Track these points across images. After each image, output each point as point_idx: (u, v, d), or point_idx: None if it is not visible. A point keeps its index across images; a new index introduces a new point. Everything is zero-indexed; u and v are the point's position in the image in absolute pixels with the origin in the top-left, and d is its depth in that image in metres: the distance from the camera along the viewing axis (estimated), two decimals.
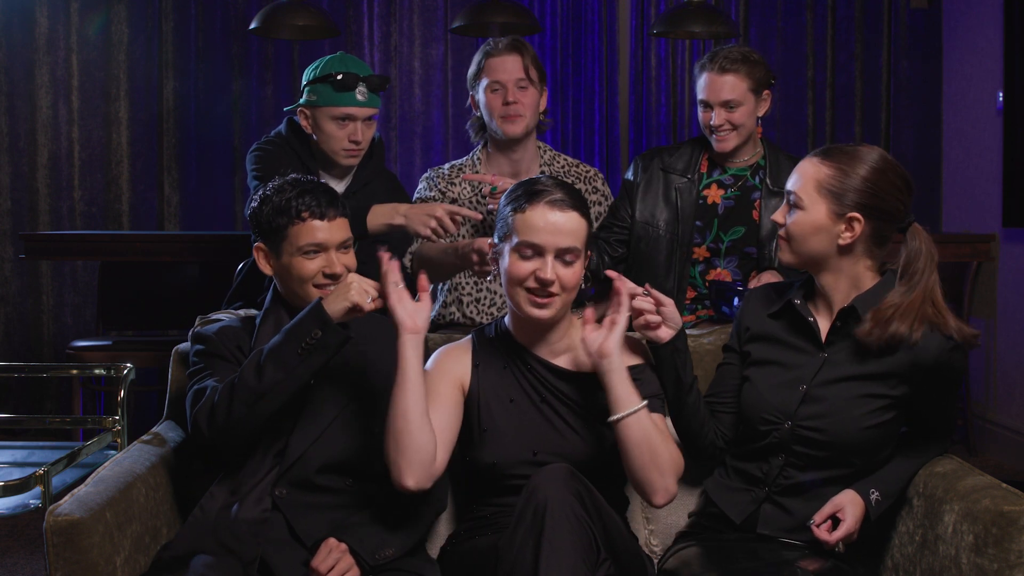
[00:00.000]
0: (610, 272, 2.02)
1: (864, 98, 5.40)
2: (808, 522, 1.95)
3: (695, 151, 2.87)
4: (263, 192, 2.07)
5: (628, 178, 2.92)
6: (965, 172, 4.93)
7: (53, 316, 5.12)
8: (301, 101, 2.72)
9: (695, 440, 2.06)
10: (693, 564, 1.96)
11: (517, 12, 4.40)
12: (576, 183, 2.90)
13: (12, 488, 2.25)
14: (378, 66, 5.26)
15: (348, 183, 2.79)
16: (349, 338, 1.93)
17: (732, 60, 2.71)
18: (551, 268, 1.93)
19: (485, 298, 2.90)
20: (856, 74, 5.39)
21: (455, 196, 2.89)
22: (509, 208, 1.99)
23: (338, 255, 2.04)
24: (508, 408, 2.02)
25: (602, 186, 2.98)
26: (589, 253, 2.05)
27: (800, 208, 1.95)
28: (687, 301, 2.86)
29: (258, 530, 1.93)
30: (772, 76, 2.79)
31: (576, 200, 1.98)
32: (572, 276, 1.96)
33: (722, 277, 2.82)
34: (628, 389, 1.90)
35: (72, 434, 3.86)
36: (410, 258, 2.81)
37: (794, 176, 2.00)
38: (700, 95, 2.77)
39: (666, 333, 1.98)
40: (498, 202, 2.23)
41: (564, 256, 1.94)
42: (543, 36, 5.29)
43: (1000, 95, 4.51)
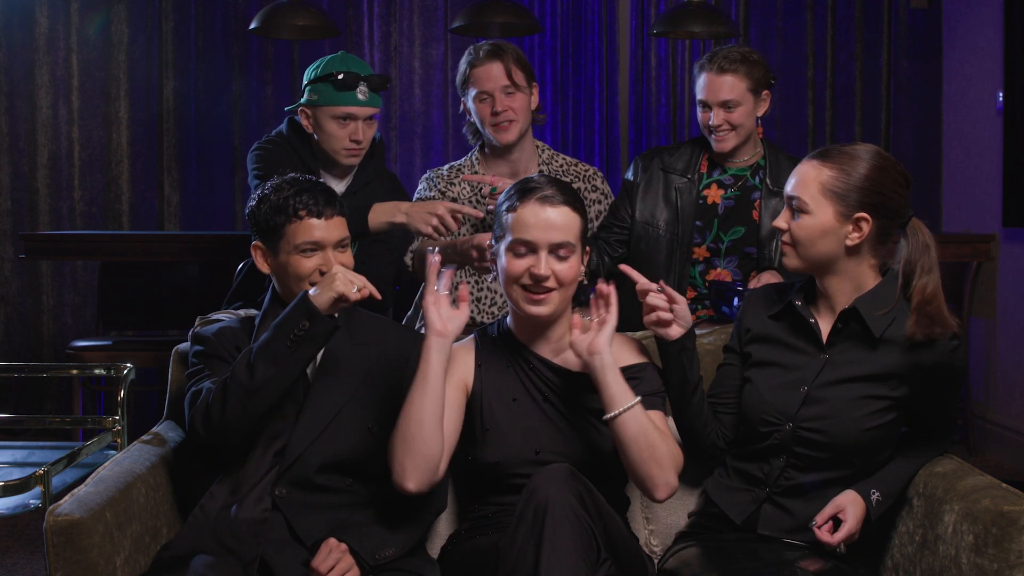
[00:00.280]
0: (623, 267, 2.02)
1: (864, 98, 5.40)
2: (809, 523, 1.95)
3: (695, 151, 2.87)
4: (261, 191, 2.08)
5: (628, 178, 2.92)
6: (965, 172, 4.93)
7: (53, 316, 5.12)
8: (302, 100, 2.72)
9: (697, 440, 2.06)
10: (693, 564, 1.96)
11: (517, 12, 4.40)
12: (575, 182, 2.90)
13: (12, 488, 2.25)
14: (378, 66, 5.26)
15: (349, 183, 2.79)
16: (337, 327, 1.94)
17: (731, 60, 2.71)
18: (545, 264, 1.94)
19: (486, 297, 2.90)
20: (856, 74, 5.39)
21: (454, 196, 2.89)
22: (503, 208, 2.01)
23: (335, 254, 2.04)
24: (510, 407, 2.02)
25: (601, 184, 2.98)
26: (588, 250, 2.05)
27: (805, 212, 1.95)
28: (687, 301, 2.86)
29: (258, 530, 1.93)
30: (772, 76, 2.78)
31: (568, 195, 1.98)
32: (568, 271, 1.96)
33: (722, 277, 2.82)
34: (621, 386, 1.90)
35: (72, 434, 3.86)
36: (411, 256, 2.82)
37: (794, 180, 1.98)
38: (699, 95, 2.76)
39: (676, 331, 1.98)
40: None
41: (558, 251, 1.95)
42: (543, 36, 5.29)
43: (1000, 95, 4.51)
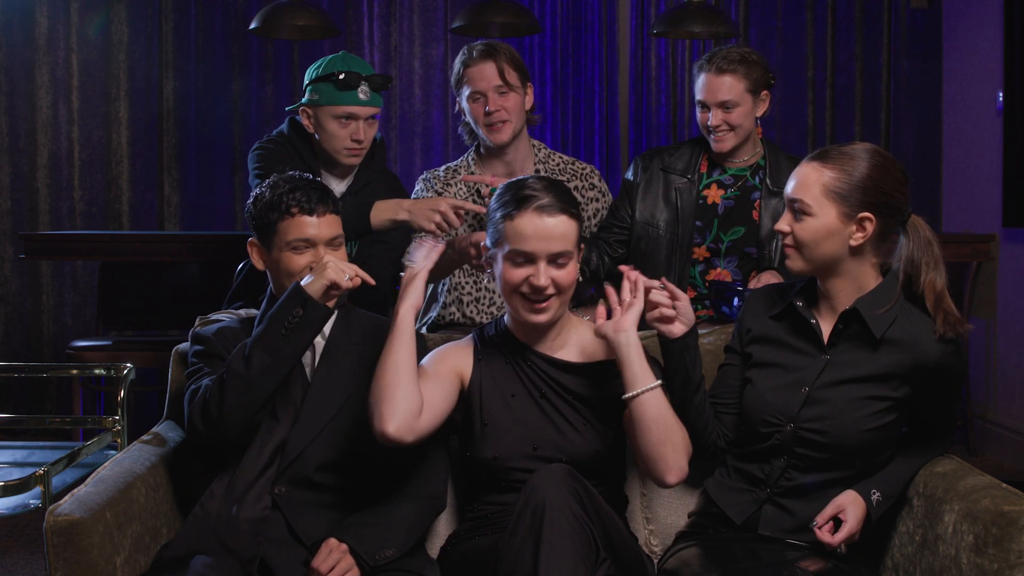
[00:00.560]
0: (624, 268, 2.02)
1: (864, 98, 5.40)
2: (810, 523, 1.95)
3: (695, 151, 2.87)
4: (258, 189, 2.09)
5: (628, 178, 2.92)
6: (965, 172, 4.93)
7: (53, 316, 5.12)
8: (303, 100, 2.72)
9: (698, 439, 2.05)
10: (693, 564, 1.95)
11: (517, 12, 4.39)
12: (572, 180, 2.89)
13: (12, 488, 2.25)
14: (378, 66, 5.25)
15: (349, 183, 2.79)
16: (331, 312, 1.95)
17: (729, 61, 2.71)
18: (544, 274, 1.94)
19: (485, 298, 2.90)
20: (856, 74, 5.39)
21: (451, 197, 2.88)
22: (499, 214, 1.98)
23: (327, 251, 2.05)
24: (508, 403, 2.02)
25: (599, 182, 2.97)
26: (582, 247, 2.05)
27: (808, 214, 1.94)
28: None
29: (258, 529, 1.93)
30: (771, 77, 2.78)
31: (564, 202, 1.97)
32: (566, 276, 1.97)
33: (722, 277, 2.82)
34: (644, 366, 1.92)
35: (72, 434, 3.86)
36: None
37: (794, 183, 1.98)
38: (698, 95, 2.76)
39: (679, 328, 1.98)
40: None
41: (556, 260, 1.95)
42: (543, 36, 5.28)
43: (1000, 95, 4.51)
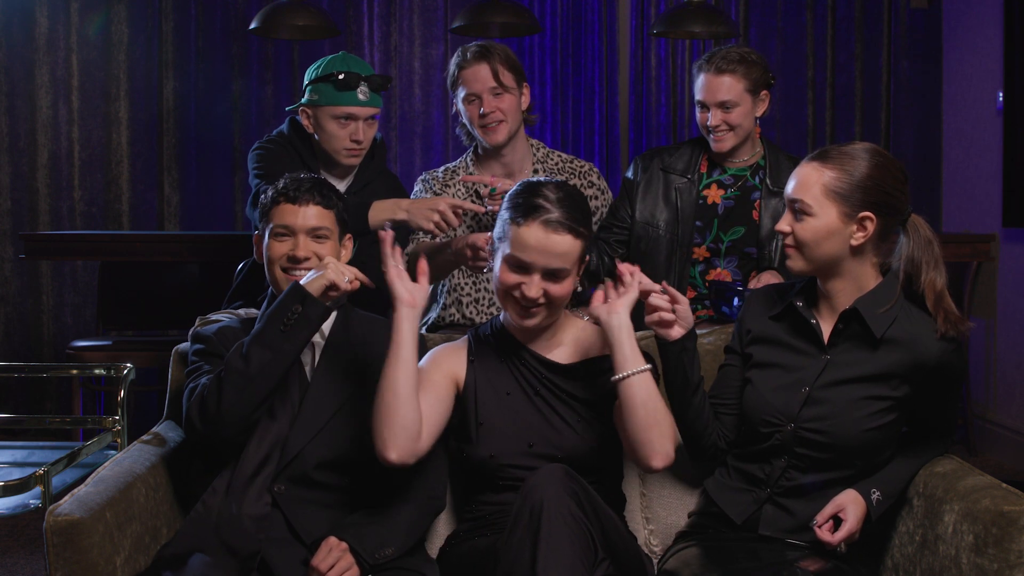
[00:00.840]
0: (622, 267, 2.00)
1: (864, 98, 5.40)
2: (810, 523, 1.95)
3: (695, 151, 2.87)
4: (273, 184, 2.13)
5: (628, 177, 2.92)
6: (965, 172, 4.93)
7: (53, 316, 5.12)
8: (303, 100, 2.72)
9: (697, 440, 2.06)
10: (693, 564, 1.95)
11: (517, 12, 4.39)
12: (571, 179, 2.89)
13: (12, 488, 2.25)
14: (378, 66, 5.25)
15: (349, 183, 2.79)
16: (329, 311, 1.97)
17: (729, 61, 2.71)
18: (536, 286, 1.94)
19: (484, 298, 2.90)
20: (856, 74, 5.39)
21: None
22: (508, 215, 1.98)
23: (308, 241, 2.06)
24: (504, 401, 2.03)
25: (598, 180, 2.97)
26: (586, 259, 2.05)
27: (809, 215, 1.94)
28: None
29: (258, 527, 1.93)
30: (771, 77, 2.78)
31: (574, 220, 1.95)
32: (561, 290, 1.97)
33: (722, 277, 2.82)
34: (635, 349, 1.92)
35: (72, 434, 3.86)
36: (405, 259, 2.81)
37: (794, 183, 1.98)
38: (697, 95, 2.76)
39: (677, 331, 1.97)
40: (499, 203, 2.23)
41: (553, 275, 1.95)
42: (543, 36, 5.28)
43: (1000, 95, 4.51)
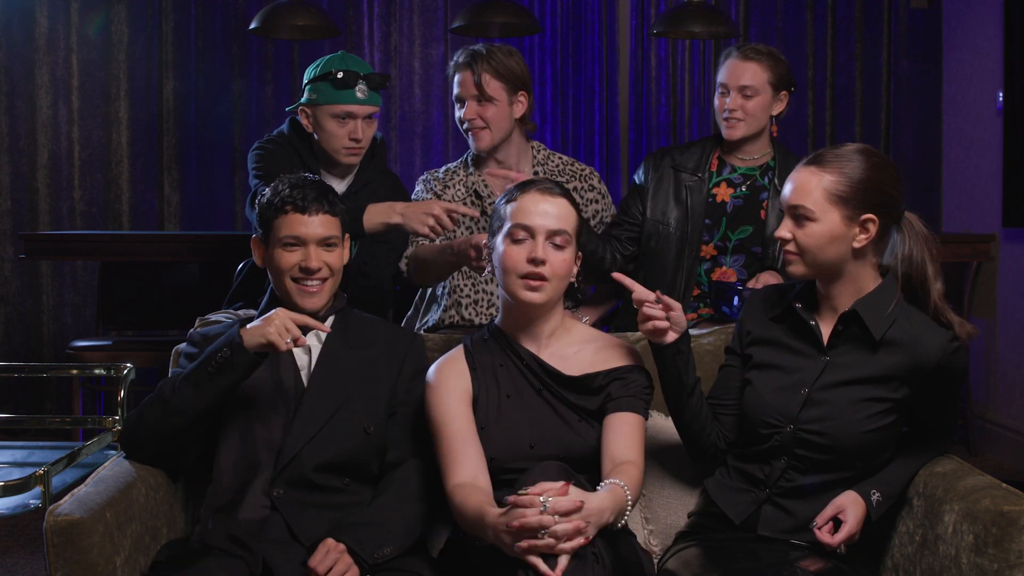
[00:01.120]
0: (617, 276, 2.03)
1: (864, 98, 5.40)
2: (810, 524, 1.95)
3: (706, 149, 2.90)
4: (271, 185, 2.11)
5: (638, 180, 2.93)
6: (965, 172, 4.93)
7: (53, 316, 5.12)
8: (302, 100, 2.72)
9: (696, 440, 2.06)
10: (693, 564, 1.95)
11: (517, 12, 4.39)
12: (571, 181, 2.90)
13: (12, 488, 2.25)
14: (378, 66, 5.25)
15: (349, 183, 2.79)
16: (258, 363, 1.95)
17: (758, 52, 2.80)
18: (542, 248, 1.97)
19: (483, 299, 2.90)
20: (856, 74, 5.39)
21: (450, 198, 2.89)
22: (502, 202, 2.06)
23: (318, 251, 2.05)
24: (504, 403, 2.03)
25: (598, 184, 2.98)
26: (579, 256, 2.07)
27: (811, 220, 1.94)
28: (691, 299, 2.86)
29: (258, 530, 1.93)
30: (794, 81, 2.87)
31: (565, 191, 2.06)
32: (563, 263, 2.00)
33: (727, 276, 2.83)
34: (604, 510, 1.79)
35: (72, 434, 3.86)
36: (406, 262, 2.81)
37: (792, 189, 1.98)
38: (720, 78, 2.82)
39: (671, 337, 1.98)
40: None
41: (554, 239, 1.99)
42: (543, 36, 5.28)
43: (1000, 95, 4.51)
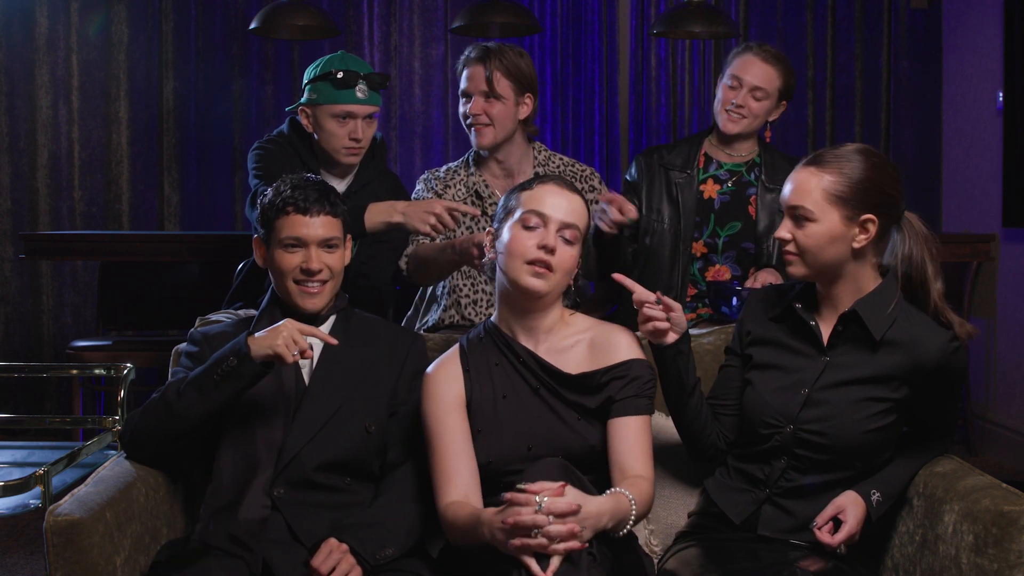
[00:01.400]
0: (617, 276, 2.02)
1: (864, 98, 5.40)
2: (810, 524, 1.95)
3: (692, 146, 2.92)
4: (273, 186, 2.11)
5: (630, 178, 2.94)
6: (965, 172, 4.93)
7: (53, 316, 5.12)
8: (302, 100, 2.72)
9: (696, 441, 2.06)
10: (693, 564, 1.95)
11: (517, 12, 4.39)
12: (572, 182, 2.90)
13: (12, 488, 2.25)
14: (378, 66, 5.25)
15: (349, 183, 2.79)
16: (263, 374, 1.94)
17: (777, 58, 2.83)
18: (554, 236, 1.95)
19: (482, 299, 2.90)
20: (856, 74, 5.39)
21: (450, 198, 2.89)
22: (514, 192, 2.03)
23: (319, 252, 2.04)
24: (500, 405, 2.00)
25: (599, 184, 2.98)
26: (580, 260, 2.05)
27: (811, 220, 1.94)
28: (687, 299, 2.86)
29: (258, 530, 1.93)
30: (793, 93, 2.92)
31: (580, 192, 2.04)
32: (570, 257, 1.97)
33: (721, 274, 2.83)
34: (603, 515, 1.79)
35: (72, 434, 3.86)
36: (406, 260, 2.81)
37: (792, 189, 1.97)
38: (734, 71, 2.82)
39: (671, 338, 1.97)
40: None
41: (565, 232, 1.96)
42: (543, 36, 5.28)
43: (1000, 95, 4.51)
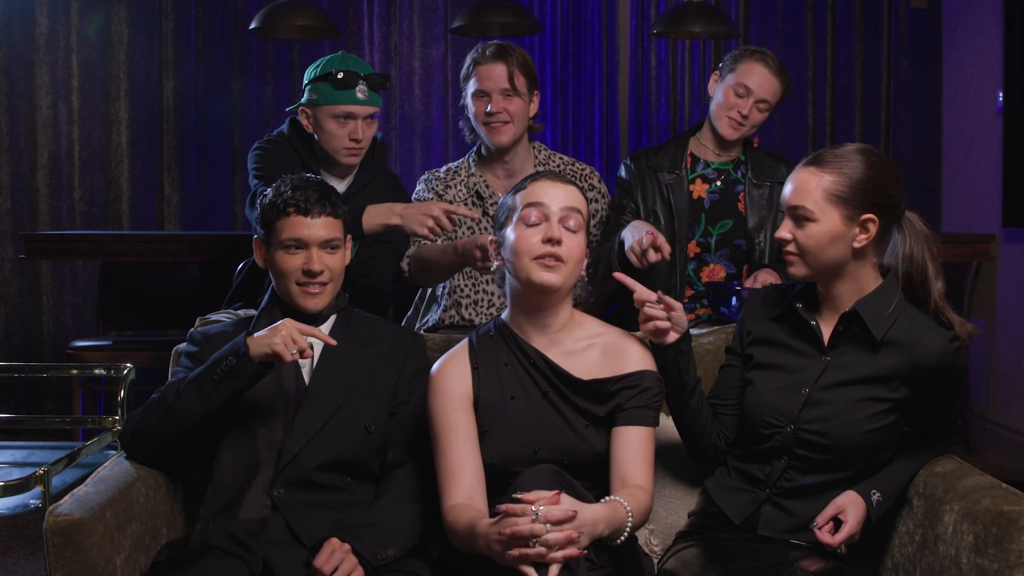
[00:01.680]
0: (618, 275, 2.02)
1: (864, 98, 5.40)
2: (810, 524, 1.95)
3: (679, 147, 2.95)
4: (273, 186, 2.10)
5: (623, 177, 2.95)
6: (965, 172, 4.93)
7: (53, 316, 5.12)
8: (302, 100, 2.72)
9: (696, 440, 2.06)
10: (693, 564, 1.95)
11: (517, 12, 4.39)
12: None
13: (12, 488, 2.25)
14: (378, 66, 5.25)
15: (349, 183, 2.79)
16: (263, 374, 1.94)
17: (783, 70, 2.85)
18: (557, 227, 1.94)
19: (483, 300, 2.90)
20: (856, 74, 5.39)
21: (451, 199, 2.90)
22: (510, 193, 2.03)
23: (320, 253, 2.04)
24: (509, 406, 1.99)
25: (599, 184, 2.99)
26: (587, 253, 2.04)
27: (811, 220, 1.94)
28: (685, 300, 2.87)
29: (258, 530, 1.93)
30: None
31: (573, 182, 2.04)
32: (578, 245, 1.96)
33: (716, 274, 2.85)
34: (598, 522, 1.78)
35: (72, 434, 3.86)
36: (407, 261, 2.81)
37: (793, 189, 1.97)
38: (743, 79, 2.82)
39: (672, 337, 1.97)
40: None
41: (568, 221, 1.95)
42: (543, 36, 5.28)
43: (1000, 95, 4.51)
